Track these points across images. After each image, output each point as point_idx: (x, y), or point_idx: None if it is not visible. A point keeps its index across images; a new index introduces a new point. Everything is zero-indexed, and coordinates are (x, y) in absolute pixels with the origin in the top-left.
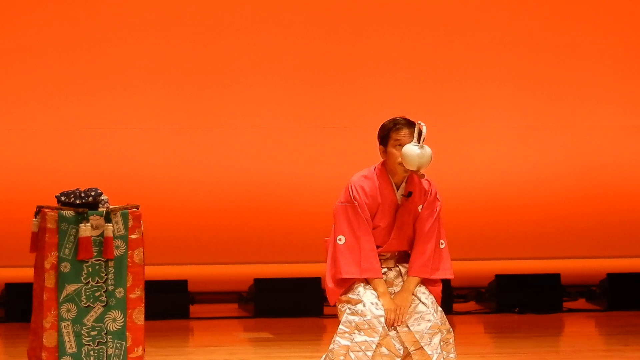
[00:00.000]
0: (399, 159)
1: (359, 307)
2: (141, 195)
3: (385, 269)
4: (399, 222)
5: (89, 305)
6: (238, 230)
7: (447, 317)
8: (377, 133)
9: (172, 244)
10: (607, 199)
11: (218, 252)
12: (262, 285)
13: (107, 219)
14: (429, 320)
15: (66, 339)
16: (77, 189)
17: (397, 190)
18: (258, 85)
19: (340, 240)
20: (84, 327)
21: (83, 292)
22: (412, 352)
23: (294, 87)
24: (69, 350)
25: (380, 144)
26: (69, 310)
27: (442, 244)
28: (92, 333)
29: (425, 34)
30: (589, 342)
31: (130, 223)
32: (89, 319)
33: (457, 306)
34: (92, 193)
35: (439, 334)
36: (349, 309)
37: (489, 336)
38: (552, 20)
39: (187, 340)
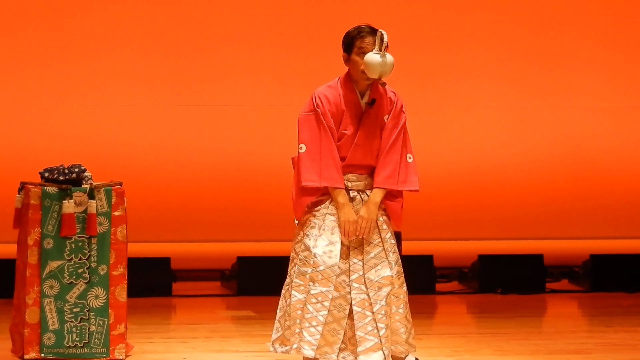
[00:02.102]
0: (362, 67)
1: (310, 258)
2: (125, 172)
3: (356, 194)
4: (364, 129)
5: (71, 282)
6: (221, 208)
7: (429, 297)
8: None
9: (156, 221)
10: (591, 180)
11: (201, 230)
12: (245, 263)
13: (91, 195)
14: (385, 271)
15: (48, 315)
16: (61, 166)
17: (362, 98)
18: (243, 64)
19: (301, 148)
20: (66, 304)
21: (66, 268)
22: (354, 302)
23: (278, 67)
24: (51, 327)
25: (344, 51)
26: (51, 287)
27: (409, 157)
28: (75, 310)
29: (410, 12)
30: (572, 322)
31: (113, 200)
32: (72, 295)
33: (439, 286)
34: (76, 169)
35: (390, 286)
36: (300, 260)
37: (472, 316)
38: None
39: (170, 317)
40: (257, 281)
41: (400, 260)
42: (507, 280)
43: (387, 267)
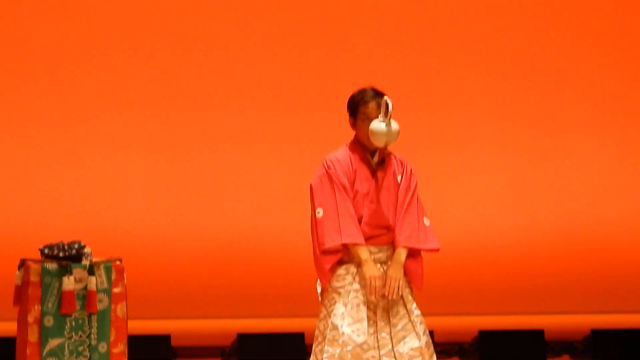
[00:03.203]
0: (368, 134)
1: (339, 337)
2: (124, 249)
3: (379, 266)
4: (377, 187)
5: None
6: (221, 284)
7: None
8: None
9: (155, 298)
10: (591, 254)
11: (201, 306)
12: (245, 340)
13: (91, 272)
14: (414, 343)
15: None
16: (61, 242)
17: (372, 158)
18: (243, 140)
19: (318, 213)
20: None
21: (66, 346)
22: None
23: (279, 142)
24: None
25: (350, 116)
26: None
27: (426, 220)
28: None
29: (409, 80)
30: None
31: (113, 276)
32: None
33: None
34: (76, 246)
35: (420, 357)
36: (328, 340)
37: None
38: (545, 63)
39: None
40: (258, 358)
41: (428, 331)
42: (508, 356)
43: (415, 339)
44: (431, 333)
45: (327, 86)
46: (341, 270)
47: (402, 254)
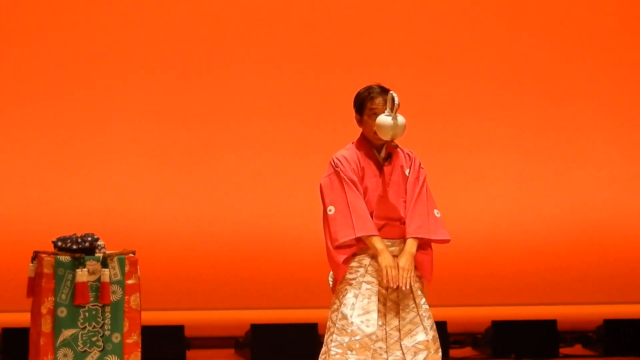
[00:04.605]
0: (375, 128)
1: (348, 326)
2: (138, 241)
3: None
4: (386, 181)
5: (85, 350)
6: (235, 275)
7: None
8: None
9: (169, 289)
10: (604, 246)
11: (215, 298)
12: (259, 330)
13: (104, 264)
14: (421, 337)
15: None
16: (74, 235)
17: (379, 154)
18: (256, 133)
19: (330, 210)
20: None
21: (80, 337)
22: None
23: (291, 138)
24: None
25: (356, 112)
26: (65, 355)
27: (437, 212)
28: None
29: (421, 83)
30: None
31: (126, 268)
32: None
33: (453, 352)
34: (89, 238)
35: (426, 351)
36: (337, 329)
37: None
38: (557, 65)
39: None
40: (271, 348)
41: (435, 326)
42: (520, 346)
43: (422, 332)
44: (444, 324)
45: (334, 89)
46: (354, 263)
47: (412, 244)
